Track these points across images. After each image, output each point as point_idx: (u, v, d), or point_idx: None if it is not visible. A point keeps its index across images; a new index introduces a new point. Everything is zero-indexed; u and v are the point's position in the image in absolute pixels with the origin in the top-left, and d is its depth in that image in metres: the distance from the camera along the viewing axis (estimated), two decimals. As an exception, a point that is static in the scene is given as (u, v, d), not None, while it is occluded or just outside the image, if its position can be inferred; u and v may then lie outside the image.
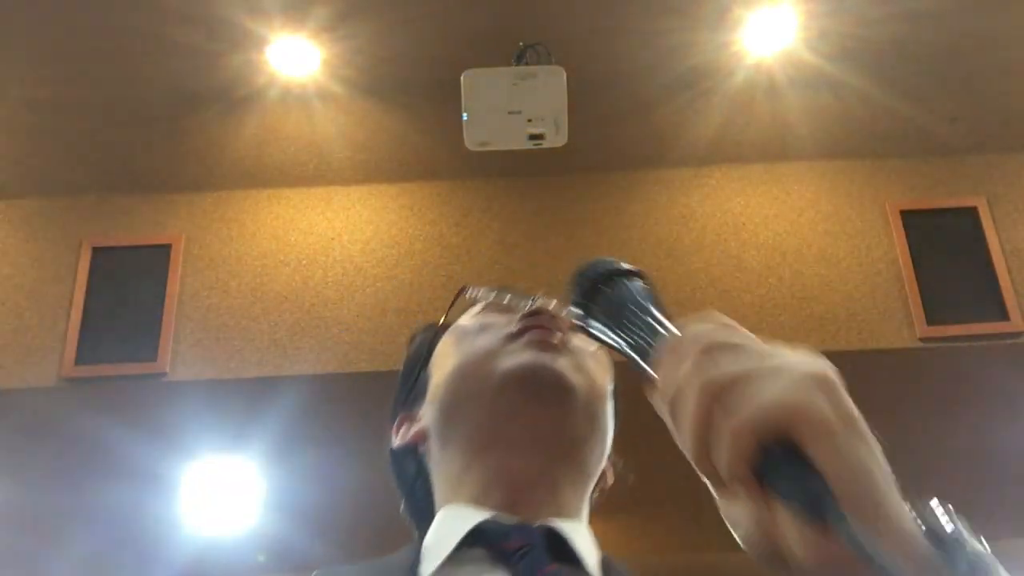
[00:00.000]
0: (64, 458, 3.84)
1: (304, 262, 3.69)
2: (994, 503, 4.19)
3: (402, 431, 0.88)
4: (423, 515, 0.82)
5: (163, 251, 3.71)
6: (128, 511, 4.15)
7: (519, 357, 0.78)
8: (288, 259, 3.70)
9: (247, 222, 3.78)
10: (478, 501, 0.75)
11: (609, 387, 0.84)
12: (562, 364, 0.78)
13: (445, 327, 0.92)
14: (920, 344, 3.47)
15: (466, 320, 0.90)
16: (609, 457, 0.84)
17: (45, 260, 3.72)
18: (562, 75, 2.89)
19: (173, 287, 3.62)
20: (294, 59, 3.47)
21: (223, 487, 4.02)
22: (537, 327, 0.80)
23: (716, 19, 3.35)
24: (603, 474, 0.84)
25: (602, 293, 0.60)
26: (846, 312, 3.54)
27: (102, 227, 3.78)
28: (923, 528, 0.44)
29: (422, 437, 0.85)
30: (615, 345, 0.59)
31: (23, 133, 3.65)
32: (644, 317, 0.57)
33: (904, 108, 3.67)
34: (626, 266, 0.62)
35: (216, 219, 3.78)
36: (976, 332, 3.49)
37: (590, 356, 0.83)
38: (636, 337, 0.56)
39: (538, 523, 0.72)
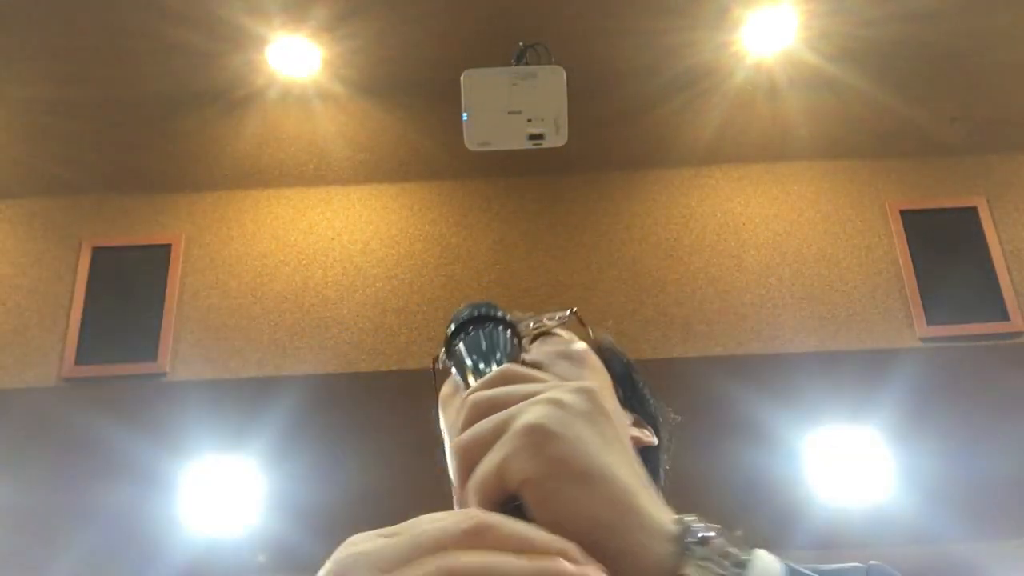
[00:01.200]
0: (64, 458, 3.84)
1: (304, 262, 3.69)
2: (993, 503, 4.19)
3: None
4: None
5: (163, 251, 3.71)
6: (128, 511, 4.15)
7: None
8: (288, 259, 3.70)
9: (247, 222, 3.78)
10: None
11: (584, 380, 0.84)
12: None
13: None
14: (920, 344, 3.47)
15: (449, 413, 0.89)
16: None
17: (45, 260, 3.72)
18: (562, 75, 2.89)
19: (173, 287, 3.62)
20: (294, 59, 3.47)
21: (223, 487, 4.02)
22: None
23: (716, 19, 3.35)
24: None
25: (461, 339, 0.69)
26: (846, 312, 3.54)
27: (102, 227, 3.78)
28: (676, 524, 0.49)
29: None
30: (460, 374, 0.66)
31: (23, 133, 3.65)
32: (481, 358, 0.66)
33: (904, 108, 3.67)
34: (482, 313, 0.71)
35: (216, 219, 3.78)
36: (976, 332, 3.49)
37: (560, 357, 0.86)
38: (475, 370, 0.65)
39: None
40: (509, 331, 0.73)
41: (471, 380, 0.65)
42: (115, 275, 3.68)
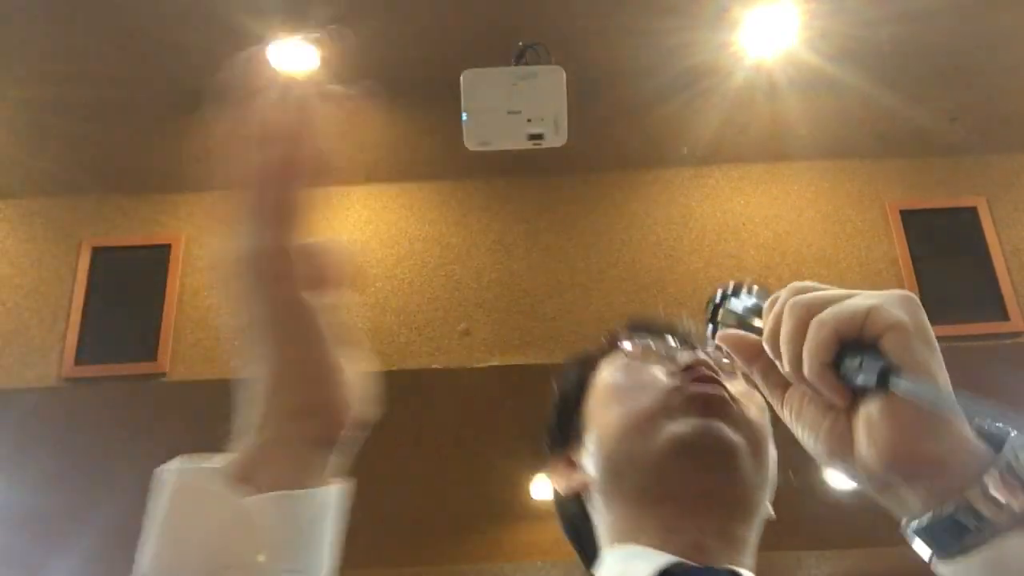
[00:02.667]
0: (64, 458, 3.84)
1: (304, 262, 3.69)
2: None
3: (563, 477, 0.91)
4: (588, 554, 0.87)
5: (163, 251, 3.71)
6: (128, 511, 4.15)
7: (684, 424, 0.80)
8: (288, 259, 3.70)
9: (247, 222, 3.77)
10: (656, 548, 0.78)
11: (768, 425, 0.86)
12: (726, 429, 0.80)
13: (594, 363, 0.95)
14: (920, 344, 3.47)
15: (618, 372, 0.91)
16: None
17: (45, 260, 3.72)
18: (562, 75, 2.89)
19: (173, 287, 3.62)
20: (294, 59, 3.47)
21: (223, 487, 4.02)
22: (699, 388, 0.82)
23: (716, 19, 3.35)
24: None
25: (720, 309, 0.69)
26: (846, 312, 3.54)
27: (102, 227, 3.79)
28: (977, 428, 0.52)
29: (584, 487, 0.87)
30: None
31: (23, 133, 3.66)
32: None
33: (904, 108, 3.67)
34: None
35: (216, 219, 3.78)
36: (976, 332, 3.49)
37: (749, 402, 0.84)
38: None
39: (721, 567, 0.76)
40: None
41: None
42: (115, 275, 3.68)
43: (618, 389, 0.88)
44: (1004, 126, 3.79)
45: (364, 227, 3.76)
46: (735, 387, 0.85)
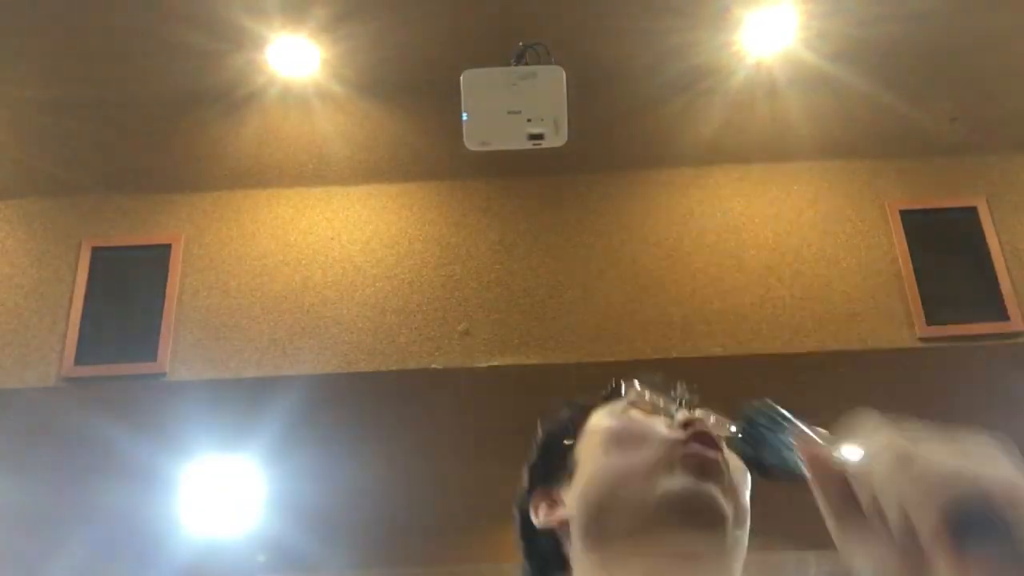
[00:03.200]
0: (64, 458, 3.84)
1: (304, 262, 3.69)
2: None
3: (542, 511, 0.92)
4: None
5: (163, 251, 3.71)
6: (128, 511, 4.15)
7: (680, 481, 0.81)
8: (288, 259, 3.70)
9: (247, 222, 3.78)
10: None
11: (747, 499, 0.89)
12: (719, 495, 0.81)
13: (588, 409, 0.95)
14: (920, 344, 3.47)
15: (617, 419, 0.91)
16: None
17: (45, 260, 3.72)
18: (562, 75, 2.89)
19: (173, 287, 3.62)
20: (294, 59, 3.47)
21: (223, 487, 4.02)
22: (698, 448, 0.83)
23: (716, 19, 3.35)
24: None
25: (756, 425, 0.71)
26: (846, 312, 3.54)
27: (102, 227, 3.78)
28: None
29: (564, 525, 0.88)
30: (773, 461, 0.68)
31: (23, 133, 3.66)
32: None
33: (904, 108, 3.67)
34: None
35: (216, 219, 3.78)
36: (976, 332, 3.49)
37: (738, 472, 0.86)
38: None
39: None
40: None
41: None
42: (115, 275, 3.68)
43: (617, 436, 0.88)
44: (1004, 126, 3.79)
45: (364, 227, 3.76)
46: (731, 458, 0.86)
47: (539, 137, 2.95)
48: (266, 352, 3.53)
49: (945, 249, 3.66)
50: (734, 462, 0.85)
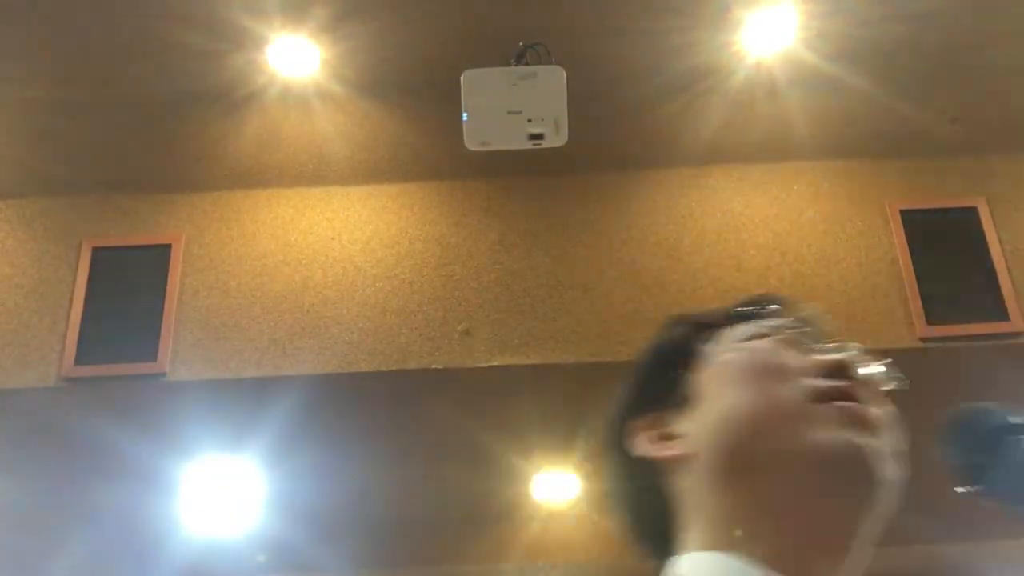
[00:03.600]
0: (64, 458, 3.84)
1: (304, 262, 3.69)
2: (993, 505, 4.19)
3: (650, 441, 0.81)
4: (653, 533, 0.79)
5: (163, 251, 3.71)
6: (128, 511, 4.15)
7: (835, 433, 0.71)
8: (288, 259, 3.70)
9: (247, 222, 3.78)
10: (762, 562, 0.69)
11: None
12: (881, 452, 0.72)
13: (709, 328, 0.84)
14: (920, 344, 3.47)
15: (750, 350, 0.80)
16: None
17: (45, 260, 3.72)
18: (562, 75, 2.89)
19: (173, 287, 3.62)
20: (294, 59, 3.47)
21: (223, 487, 4.02)
22: (850, 397, 0.74)
23: (716, 19, 3.35)
24: None
25: (1002, 451, 0.58)
26: (846, 312, 3.54)
27: (102, 227, 3.78)
28: None
29: (683, 460, 0.78)
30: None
31: (23, 133, 3.66)
32: None
33: (904, 108, 3.67)
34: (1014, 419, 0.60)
35: (216, 219, 3.78)
36: (976, 332, 3.49)
37: (896, 434, 0.77)
38: None
39: None
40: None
41: None
42: (115, 275, 3.68)
43: (752, 369, 0.78)
44: (1004, 126, 3.79)
45: (364, 227, 3.76)
46: (886, 415, 0.77)
47: (539, 137, 2.95)
48: (266, 352, 3.53)
49: (945, 249, 3.66)
50: (890, 420, 0.76)
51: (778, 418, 0.73)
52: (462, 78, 2.90)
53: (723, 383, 0.78)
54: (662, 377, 0.83)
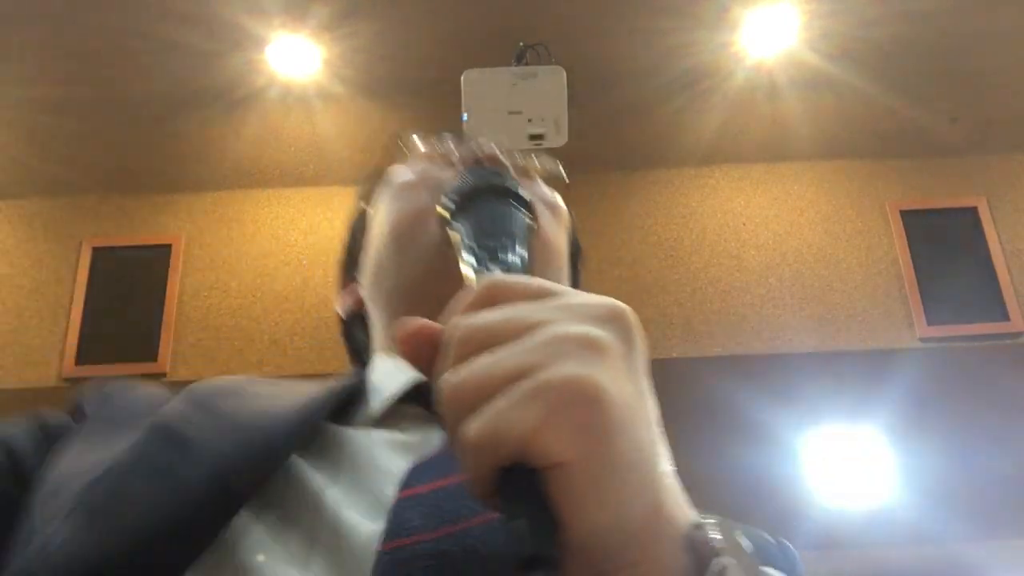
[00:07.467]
0: (64, 458, 3.84)
1: (304, 262, 3.69)
2: (993, 503, 4.19)
3: (343, 298, 0.85)
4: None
5: (163, 251, 3.71)
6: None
7: None
8: (288, 259, 3.70)
9: (247, 222, 3.78)
10: None
11: (565, 245, 0.78)
12: None
13: (378, 180, 0.86)
14: (920, 344, 3.47)
15: (400, 172, 0.81)
16: None
17: (45, 260, 3.72)
18: (562, 75, 2.89)
19: (173, 287, 3.62)
20: (294, 59, 3.47)
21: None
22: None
23: (716, 19, 3.35)
24: None
25: (474, 207, 0.59)
26: (846, 312, 3.54)
27: (102, 227, 3.79)
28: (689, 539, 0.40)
29: (360, 303, 0.81)
30: (461, 261, 0.55)
31: (23, 133, 3.66)
32: (493, 245, 0.54)
33: (904, 108, 3.67)
34: (513, 188, 0.60)
35: (216, 219, 3.78)
36: (976, 332, 3.49)
37: (546, 209, 0.75)
38: (478, 262, 0.53)
39: None
40: (523, 209, 0.60)
41: (470, 269, 0.53)
42: (115, 275, 3.68)
43: (396, 189, 0.78)
44: (1004, 126, 3.79)
45: (364, 227, 3.76)
46: (539, 193, 0.74)
47: (539, 137, 2.95)
48: (266, 352, 3.53)
49: (945, 249, 3.66)
50: (543, 196, 0.74)
51: (410, 219, 0.74)
52: (462, 78, 2.89)
53: (376, 215, 0.81)
54: (352, 241, 0.88)
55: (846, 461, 3.98)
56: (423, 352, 0.43)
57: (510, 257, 0.53)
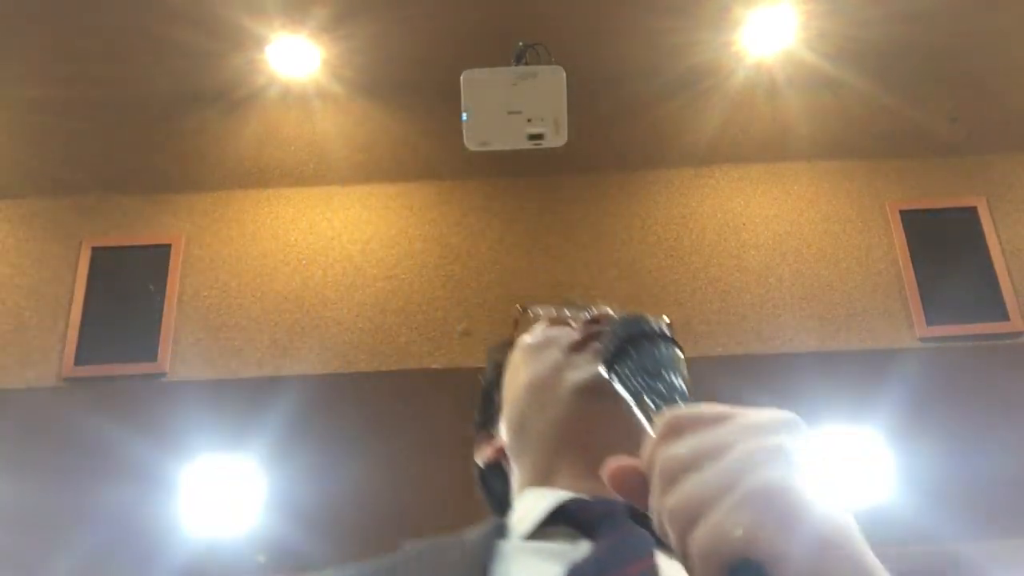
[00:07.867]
0: (64, 458, 3.84)
1: (304, 262, 3.69)
2: (994, 503, 4.19)
3: (482, 450, 0.95)
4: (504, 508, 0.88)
5: (163, 251, 3.71)
6: (128, 511, 4.15)
7: (587, 369, 0.80)
8: (288, 259, 3.70)
9: (247, 222, 3.78)
10: (562, 489, 0.79)
11: None
12: None
13: (511, 344, 0.97)
14: (920, 344, 3.47)
15: (529, 336, 0.94)
16: None
17: (45, 260, 3.72)
18: (562, 75, 2.89)
19: (173, 287, 3.62)
20: (294, 59, 3.47)
21: (223, 487, 4.02)
22: (599, 334, 0.81)
23: (716, 19, 3.35)
24: None
25: (631, 354, 0.66)
26: (846, 312, 3.54)
27: (102, 227, 3.78)
28: None
29: (501, 454, 0.90)
30: (633, 404, 0.61)
31: (23, 133, 3.66)
32: (660, 384, 0.61)
33: (904, 108, 3.67)
34: (659, 329, 0.68)
35: (216, 219, 3.78)
36: (976, 332, 3.49)
37: None
38: (652, 401, 0.59)
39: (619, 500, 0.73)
40: (673, 345, 0.68)
41: (648, 408, 0.60)
42: (115, 275, 3.68)
43: (528, 351, 0.91)
44: (1004, 126, 3.79)
45: (364, 227, 3.76)
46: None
47: (539, 137, 2.95)
48: (266, 352, 3.53)
49: (945, 249, 3.66)
50: None
51: (546, 374, 0.84)
52: (462, 78, 2.90)
53: (511, 375, 0.92)
54: (487, 399, 0.99)
55: (844, 461, 3.98)
56: (630, 482, 0.50)
57: (676, 388, 0.60)
